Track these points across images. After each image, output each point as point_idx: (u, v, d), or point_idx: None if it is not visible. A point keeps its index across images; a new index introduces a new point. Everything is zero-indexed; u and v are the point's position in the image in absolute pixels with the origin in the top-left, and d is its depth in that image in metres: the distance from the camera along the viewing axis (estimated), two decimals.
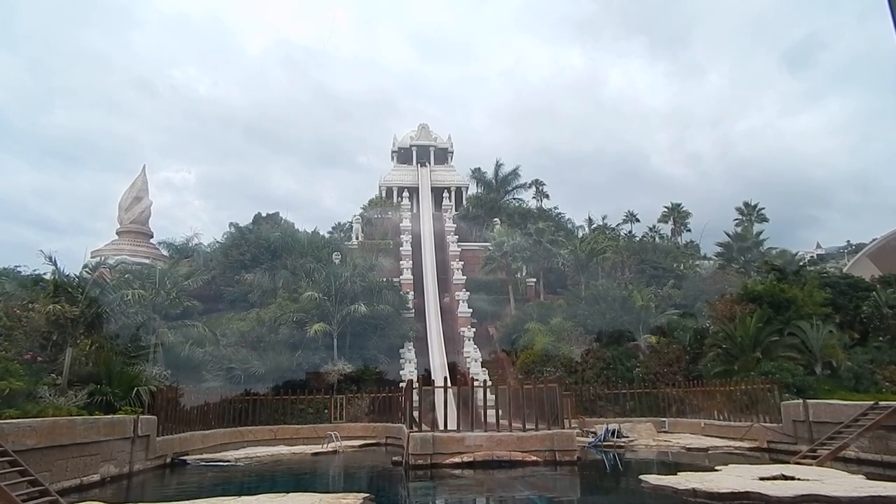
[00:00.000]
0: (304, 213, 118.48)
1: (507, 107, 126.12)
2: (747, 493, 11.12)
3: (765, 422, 20.21)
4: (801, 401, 18.66)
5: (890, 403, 15.70)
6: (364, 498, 11.26)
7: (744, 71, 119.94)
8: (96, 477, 14.17)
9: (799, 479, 12.49)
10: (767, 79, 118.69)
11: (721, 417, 23.28)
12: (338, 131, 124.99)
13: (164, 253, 48.55)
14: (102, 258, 37.25)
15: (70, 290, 19.61)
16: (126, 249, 46.32)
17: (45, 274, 24.78)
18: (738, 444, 20.13)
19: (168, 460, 18.07)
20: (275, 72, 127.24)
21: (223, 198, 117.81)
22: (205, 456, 19.37)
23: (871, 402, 16.17)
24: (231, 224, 48.23)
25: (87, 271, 23.98)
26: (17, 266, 29.72)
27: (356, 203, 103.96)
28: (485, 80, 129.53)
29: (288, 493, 11.87)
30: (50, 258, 20.41)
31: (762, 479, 12.60)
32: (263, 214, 53.62)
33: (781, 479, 12.66)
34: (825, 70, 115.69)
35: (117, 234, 50.29)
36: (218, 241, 47.85)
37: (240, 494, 11.90)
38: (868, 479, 12.48)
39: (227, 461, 18.75)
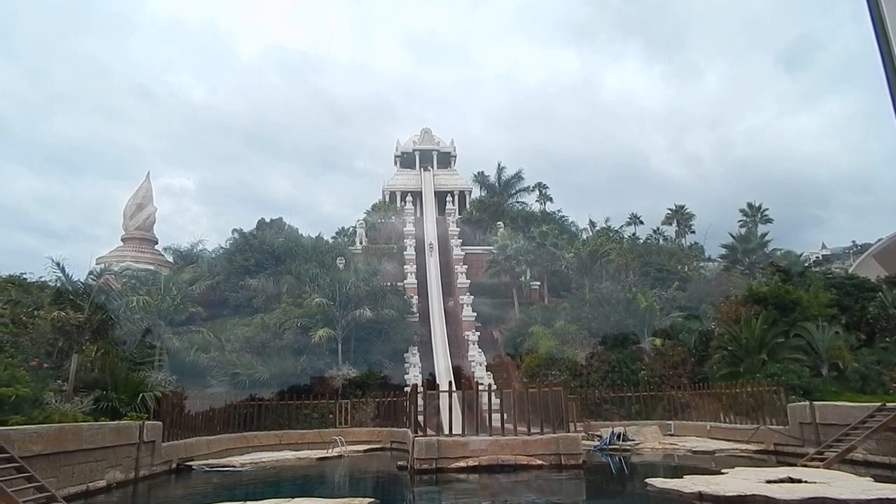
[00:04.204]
0: (304, 218, 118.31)
1: (504, 110, 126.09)
2: (754, 496, 11.08)
3: (771, 424, 20.11)
4: (807, 403, 18.57)
5: None
6: (369, 503, 11.25)
7: (741, 72, 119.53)
8: (102, 483, 14.21)
9: (806, 482, 12.42)
10: (765, 79, 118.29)
11: (727, 420, 23.17)
12: (337, 136, 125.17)
13: (169, 259, 48.70)
14: (107, 265, 37.42)
15: (72, 297, 19.70)
16: (130, 256, 46.38)
17: (50, 281, 24.90)
18: (744, 446, 20.05)
19: (174, 466, 18.11)
20: (272, 77, 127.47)
21: (223, 204, 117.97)
22: (210, 461, 19.40)
23: (879, 404, 16.08)
24: (235, 230, 48.37)
25: (92, 278, 24.12)
26: (22, 273, 29.86)
27: (357, 208, 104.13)
28: (481, 84, 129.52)
29: (294, 497, 11.90)
30: (58, 264, 20.52)
31: (769, 482, 12.54)
32: (266, 220, 53.70)
33: (788, 482, 12.61)
34: (822, 70, 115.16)
35: (122, 240, 50.39)
36: (222, 247, 48.02)
37: (246, 500, 11.92)
38: (876, 481, 12.43)
39: (233, 467, 18.76)
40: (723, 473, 14.25)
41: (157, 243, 51.48)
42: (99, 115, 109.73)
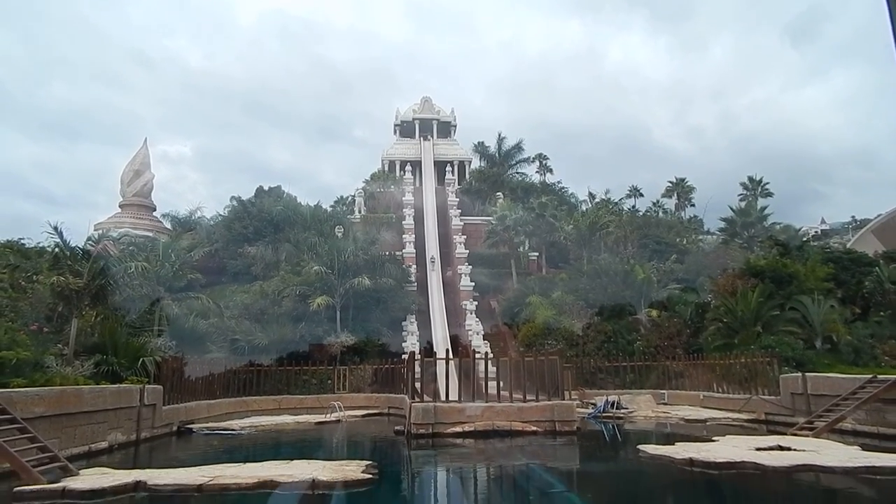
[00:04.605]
0: (303, 187, 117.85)
1: (506, 80, 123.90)
2: (743, 462, 11.31)
3: (763, 395, 20.40)
4: (799, 374, 18.80)
5: (888, 377, 15.80)
6: (367, 465, 11.46)
7: (746, 44, 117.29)
8: (104, 444, 14.47)
9: (795, 450, 12.66)
10: (771, 52, 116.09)
11: (720, 390, 23.49)
12: (337, 105, 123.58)
13: (167, 226, 48.61)
14: (105, 231, 37.34)
15: (70, 262, 19.69)
16: (128, 222, 46.29)
17: (48, 247, 24.84)
18: (736, 415, 20.36)
19: (174, 428, 18.43)
20: (271, 43, 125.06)
21: (221, 171, 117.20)
22: (210, 424, 19.72)
23: (870, 376, 16.27)
24: (233, 197, 48.13)
25: (90, 243, 24.02)
26: (20, 238, 29.81)
27: (356, 177, 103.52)
28: (482, 53, 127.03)
29: (292, 460, 12.10)
30: (56, 229, 20.41)
31: (758, 449, 12.79)
32: (265, 188, 53.40)
33: (778, 450, 12.85)
34: (829, 43, 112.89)
35: (120, 207, 50.22)
36: (220, 215, 47.89)
37: (245, 461, 12.12)
38: (864, 450, 12.65)
39: (233, 430, 19.07)
40: (714, 441, 14.52)
41: (155, 210, 51.33)
42: (97, 80, 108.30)
